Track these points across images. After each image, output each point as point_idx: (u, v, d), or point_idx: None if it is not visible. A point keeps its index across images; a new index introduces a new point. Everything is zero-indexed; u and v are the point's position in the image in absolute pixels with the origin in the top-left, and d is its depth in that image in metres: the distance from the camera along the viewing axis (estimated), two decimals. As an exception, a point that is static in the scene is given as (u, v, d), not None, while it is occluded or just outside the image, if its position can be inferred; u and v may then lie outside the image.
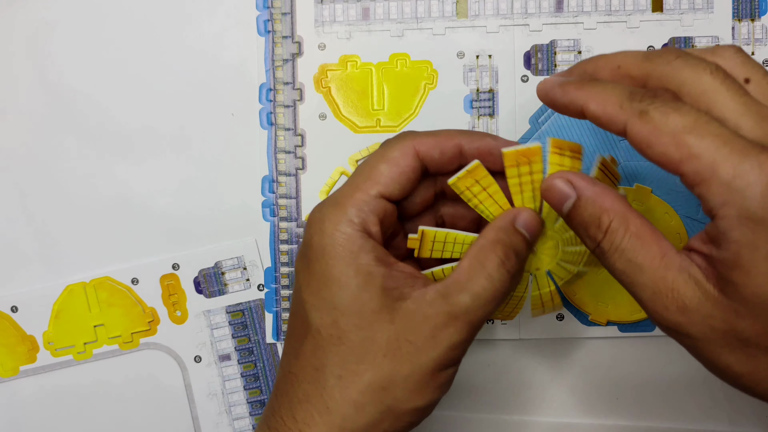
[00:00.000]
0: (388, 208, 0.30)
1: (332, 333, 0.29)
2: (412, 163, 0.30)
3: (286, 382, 0.30)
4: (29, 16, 0.43)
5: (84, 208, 0.43)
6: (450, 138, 0.31)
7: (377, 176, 0.30)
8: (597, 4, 0.40)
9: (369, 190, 0.30)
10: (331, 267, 0.29)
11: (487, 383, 0.42)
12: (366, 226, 0.29)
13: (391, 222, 0.31)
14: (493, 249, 0.29)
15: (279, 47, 0.42)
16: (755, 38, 0.40)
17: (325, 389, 0.29)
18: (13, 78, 0.43)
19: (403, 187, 0.30)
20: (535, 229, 0.30)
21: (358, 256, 0.29)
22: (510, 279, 0.29)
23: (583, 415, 0.42)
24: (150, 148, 0.42)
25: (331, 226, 0.29)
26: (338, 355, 0.29)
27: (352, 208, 0.29)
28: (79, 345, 0.43)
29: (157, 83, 0.42)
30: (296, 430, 0.29)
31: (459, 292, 0.28)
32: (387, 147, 0.31)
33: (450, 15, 0.41)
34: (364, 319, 0.28)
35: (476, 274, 0.28)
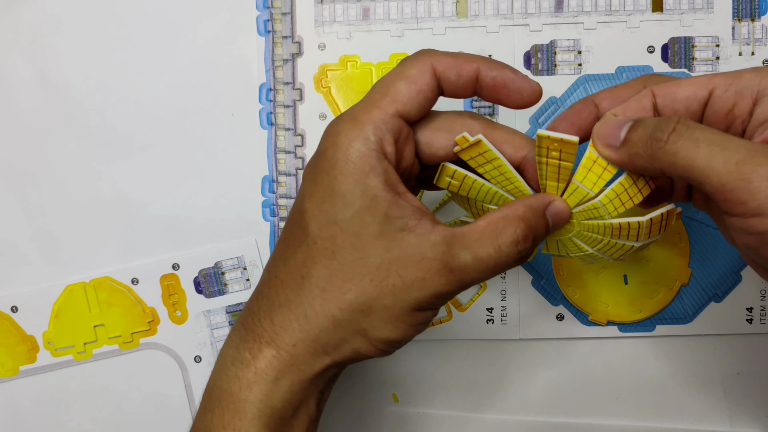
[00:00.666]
0: (404, 128, 0.30)
1: (327, 246, 0.29)
2: (429, 81, 0.30)
3: (270, 286, 0.30)
4: (30, 16, 0.43)
5: (84, 208, 0.43)
6: (469, 61, 0.30)
7: (395, 94, 0.29)
8: (597, 4, 0.40)
9: (387, 108, 0.29)
10: (338, 182, 0.28)
11: (487, 383, 0.42)
12: (381, 145, 0.29)
13: (408, 147, 0.30)
14: (515, 224, 0.28)
15: (279, 47, 0.42)
16: (755, 38, 0.40)
17: (307, 298, 0.29)
18: (13, 78, 0.43)
19: (420, 106, 0.30)
20: (562, 222, 0.30)
21: (367, 176, 0.28)
22: (517, 259, 0.29)
23: (583, 415, 0.42)
24: (150, 148, 0.42)
25: (346, 140, 0.29)
26: (327, 268, 0.29)
27: (369, 125, 0.29)
28: (79, 345, 0.43)
29: (158, 83, 0.42)
30: (272, 332, 0.29)
31: (464, 247, 0.28)
32: (405, 64, 0.30)
33: (450, 15, 0.41)
34: (360, 239, 0.28)
35: (487, 240, 0.28)
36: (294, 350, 0.29)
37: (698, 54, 0.40)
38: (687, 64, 0.40)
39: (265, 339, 0.30)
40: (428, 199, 0.42)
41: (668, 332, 0.41)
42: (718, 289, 0.41)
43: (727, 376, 0.41)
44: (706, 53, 0.40)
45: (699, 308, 0.41)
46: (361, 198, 0.28)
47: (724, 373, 0.41)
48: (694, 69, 0.40)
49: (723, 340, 0.41)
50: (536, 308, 0.41)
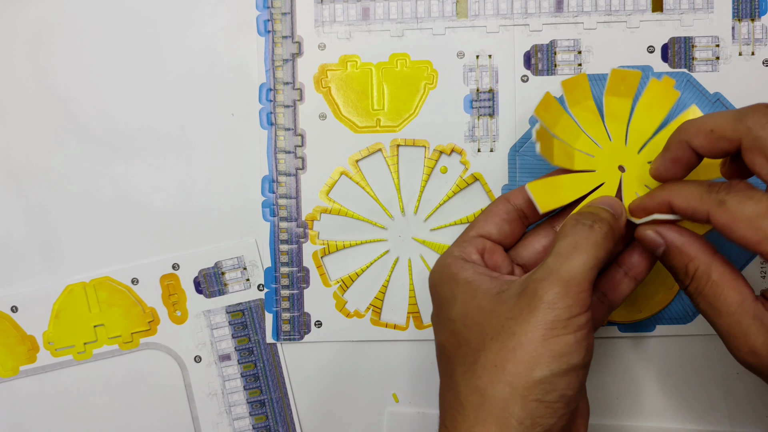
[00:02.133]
0: (488, 244, 0.35)
1: (453, 341, 0.32)
2: (503, 207, 0.35)
3: (439, 406, 0.33)
4: (30, 16, 0.43)
5: (84, 208, 0.43)
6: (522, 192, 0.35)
7: (474, 224, 0.36)
8: (597, 4, 0.40)
9: (468, 233, 0.35)
10: (440, 293, 0.33)
11: (487, 383, 0.42)
12: (466, 255, 0.34)
13: (498, 257, 0.35)
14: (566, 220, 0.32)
15: (279, 47, 0.42)
16: (755, 38, 0.40)
17: (456, 388, 0.31)
18: (13, 78, 0.43)
19: (498, 227, 0.35)
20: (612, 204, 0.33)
21: (458, 275, 0.33)
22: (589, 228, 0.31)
23: (583, 415, 0.42)
24: (150, 148, 0.42)
25: (438, 265, 0.34)
26: (459, 356, 0.31)
27: (454, 248, 0.34)
28: (79, 345, 0.43)
29: (158, 83, 0.42)
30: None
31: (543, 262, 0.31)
32: (490, 204, 0.37)
33: (450, 15, 0.41)
34: (470, 318, 0.31)
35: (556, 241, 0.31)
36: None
37: (698, 54, 0.40)
38: (687, 64, 0.40)
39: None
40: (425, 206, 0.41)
41: (668, 332, 0.41)
42: (718, 289, 0.41)
43: (727, 376, 0.41)
44: (706, 53, 0.40)
45: (699, 308, 0.41)
46: (458, 288, 0.32)
47: (724, 373, 0.41)
48: (694, 69, 0.40)
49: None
50: (536, 308, 0.41)
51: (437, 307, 0.33)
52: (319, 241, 0.42)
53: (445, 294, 0.33)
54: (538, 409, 0.29)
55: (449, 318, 0.32)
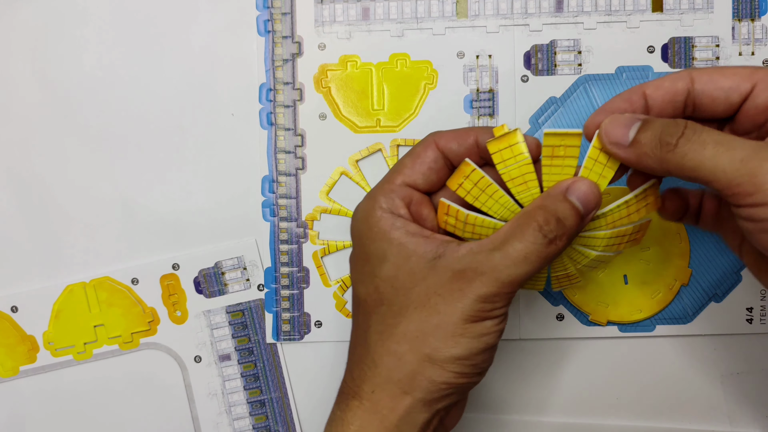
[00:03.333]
0: (415, 195, 0.33)
1: (375, 298, 0.32)
2: (431, 154, 0.33)
3: (349, 352, 0.33)
4: (29, 16, 0.43)
5: (84, 208, 0.43)
6: (467, 132, 0.33)
7: (401, 168, 0.33)
8: (597, 4, 0.40)
9: (394, 181, 0.33)
10: (368, 246, 0.32)
11: (487, 383, 0.42)
12: (394, 208, 0.32)
13: (425, 208, 0.33)
14: (533, 214, 0.30)
15: (279, 47, 0.42)
16: (755, 38, 0.40)
17: (370, 346, 0.31)
18: (13, 78, 0.43)
19: (425, 176, 0.33)
20: (591, 198, 0.31)
21: (390, 232, 0.32)
22: (547, 243, 0.30)
23: (583, 415, 0.42)
24: (150, 148, 0.42)
25: (364, 213, 0.33)
26: (379, 314, 0.31)
27: (380, 196, 0.33)
28: (79, 345, 0.43)
29: (158, 83, 0.42)
30: (354, 386, 0.32)
31: (491, 250, 0.30)
32: (414, 146, 0.34)
33: (450, 15, 0.41)
34: (399, 280, 0.31)
35: (512, 236, 0.30)
36: (373, 396, 0.31)
37: (698, 54, 0.40)
38: (687, 64, 0.40)
39: (350, 394, 0.32)
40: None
41: (668, 332, 0.41)
42: (718, 289, 0.41)
43: (727, 376, 0.41)
44: (706, 53, 0.40)
45: (699, 308, 0.41)
46: (390, 248, 0.31)
47: (724, 373, 0.41)
48: (694, 69, 0.40)
49: (723, 340, 0.41)
50: (536, 308, 0.41)
51: (362, 258, 0.33)
52: (319, 241, 0.42)
53: (374, 250, 0.32)
54: (451, 378, 0.30)
55: (376, 275, 0.32)
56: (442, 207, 0.33)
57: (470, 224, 0.32)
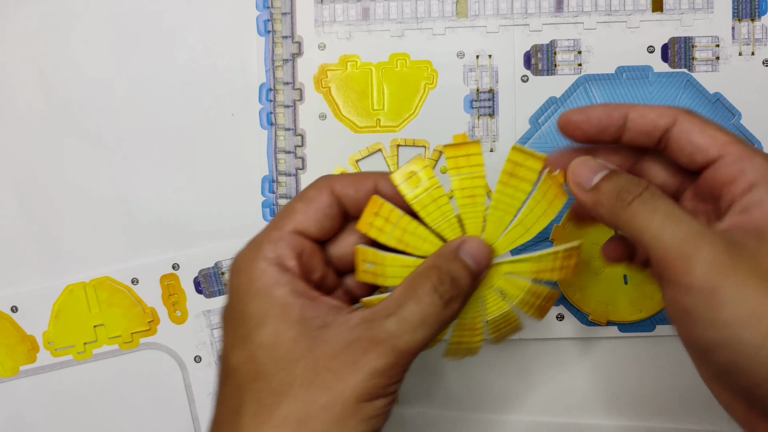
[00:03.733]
0: (307, 245, 0.30)
1: (249, 369, 0.27)
2: (326, 199, 0.30)
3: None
4: (29, 16, 0.43)
5: (84, 207, 0.43)
6: (366, 177, 0.30)
7: (291, 213, 0.30)
8: (597, 4, 0.40)
9: (284, 227, 0.29)
10: (246, 303, 0.28)
11: (487, 383, 0.42)
12: (281, 260, 0.28)
13: (315, 261, 0.30)
14: (426, 275, 0.28)
15: (279, 47, 0.42)
16: (755, 38, 0.40)
17: (242, 430, 0.26)
18: (13, 78, 0.43)
19: (319, 223, 0.30)
20: (482, 256, 0.29)
21: (273, 289, 0.28)
22: (443, 305, 0.27)
23: (583, 415, 0.42)
24: (150, 147, 0.42)
25: (246, 264, 0.29)
26: (254, 391, 0.27)
27: (267, 245, 0.29)
28: (79, 345, 0.43)
29: (157, 83, 0.42)
30: None
31: (385, 316, 0.27)
32: (305, 188, 0.31)
33: (450, 15, 0.41)
34: (280, 350, 0.27)
35: (406, 299, 0.27)
36: None
37: (698, 54, 0.40)
38: (687, 64, 0.40)
39: None
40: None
41: (668, 332, 0.41)
42: (718, 289, 0.41)
43: (727, 376, 0.41)
44: (706, 53, 0.40)
45: (699, 308, 0.41)
46: (271, 309, 0.27)
47: (724, 373, 0.41)
48: (694, 69, 0.40)
49: (723, 340, 0.41)
50: (536, 308, 0.41)
51: (237, 318, 0.28)
52: (319, 241, 0.42)
53: (253, 309, 0.28)
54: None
55: (253, 341, 0.27)
56: (360, 254, 0.29)
57: (390, 266, 0.29)
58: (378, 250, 0.29)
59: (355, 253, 0.30)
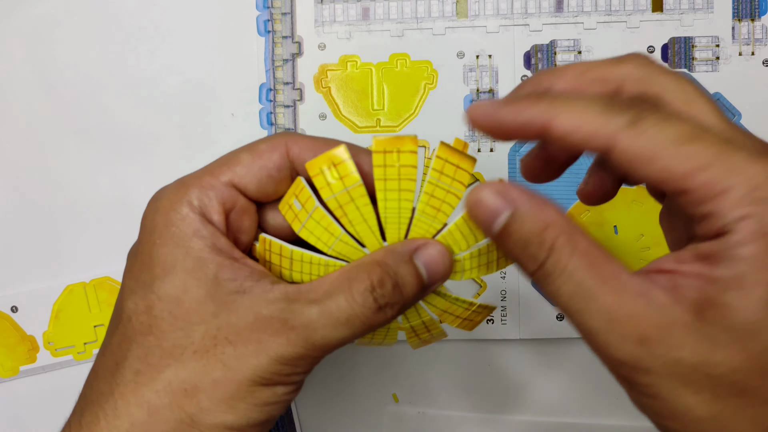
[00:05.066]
0: (240, 202, 0.26)
1: (143, 320, 0.24)
2: (278, 160, 0.26)
3: (86, 383, 0.26)
4: (29, 16, 0.43)
5: (84, 208, 0.43)
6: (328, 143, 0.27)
7: (234, 164, 0.26)
8: (597, 4, 0.40)
9: (219, 176, 0.26)
10: (157, 247, 0.25)
11: (487, 383, 0.42)
12: (206, 210, 0.25)
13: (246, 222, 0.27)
14: (369, 269, 0.24)
15: (279, 47, 0.42)
16: (755, 38, 0.40)
17: (119, 386, 0.24)
18: (13, 78, 0.43)
19: (261, 183, 0.26)
20: (440, 268, 0.25)
21: (190, 239, 0.25)
22: (376, 309, 0.24)
23: (583, 415, 0.42)
24: (150, 148, 0.42)
25: (167, 204, 0.26)
26: (143, 346, 0.24)
27: (195, 189, 0.26)
28: (79, 345, 0.43)
29: (158, 83, 0.42)
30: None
31: (309, 302, 0.24)
32: (258, 140, 0.27)
33: (450, 15, 0.41)
34: (182, 307, 0.24)
35: (337, 290, 0.24)
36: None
37: (698, 54, 0.40)
38: (687, 64, 0.40)
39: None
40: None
41: (668, 332, 0.41)
42: (718, 289, 0.41)
43: (727, 376, 0.41)
44: (706, 53, 0.40)
45: (699, 308, 0.41)
46: (183, 260, 0.24)
47: (724, 373, 0.41)
48: (694, 69, 0.40)
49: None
50: (536, 308, 0.41)
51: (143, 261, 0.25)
52: (319, 241, 0.42)
53: (162, 256, 0.24)
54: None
55: (154, 290, 0.24)
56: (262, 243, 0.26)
57: (297, 261, 0.26)
58: (284, 244, 0.26)
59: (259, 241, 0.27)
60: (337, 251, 0.26)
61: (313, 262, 0.26)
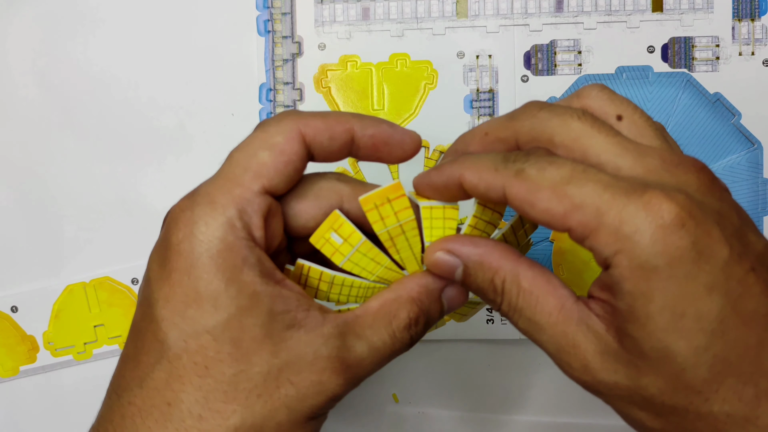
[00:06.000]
0: (273, 206, 0.25)
1: (197, 361, 0.23)
2: (299, 150, 0.25)
3: (123, 416, 0.25)
4: (30, 16, 0.43)
5: (84, 208, 0.43)
6: (341, 121, 0.26)
7: (259, 167, 0.24)
8: (597, 4, 0.40)
9: (251, 185, 0.24)
10: (205, 282, 0.23)
11: (487, 383, 0.42)
12: (250, 230, 0.24)
13: (278, 226, 0.26)
14: (408, 306, 0.25)
15: (279, 47, 0.42)
16: (755, 38, 0.40)
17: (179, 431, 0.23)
18: (13, 78, 0.43)
19: (289, 179, 0.25)
20: (455, 306, 0.27)
21: (241, 271, 0.23)
22: (408, 344, 0.26)
23: (584, 414, 0.42)
24: (150, 148, 0.42)
25: (206, 230, 0.24)
26: (202, 389, 0.23)
27: (233, 209, 0.24)
28: (79, 345, 0.43)
29: (158, 83, 0.42)
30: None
31: (357, 337, 0.24)
32: (268, 130, 0.25)
33: (450, 15, 0.41)
34: (241, 348, 0.23)
35: (381, 324, 0.25)
36: None
37: (698, 54, 0.40)
38: (687, 64, 0.40)
39: None
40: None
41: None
42: (718, 289, 0.41)
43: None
44: (706, 53, 0.40)
45: (699, 308, 0.41)
46: (238, 298, 0.23)
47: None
48: (694, 69, 0.40)
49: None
50: (536, 308, 0.41)
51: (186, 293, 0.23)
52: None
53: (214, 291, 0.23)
54: None
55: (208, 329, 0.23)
56: (299, 268, 0.26)
57: (338, 285, 0.26)
58: (325, 270, 0.26)
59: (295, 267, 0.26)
60: (380, 276, 0.27)
61: (354, 285, 0.27)
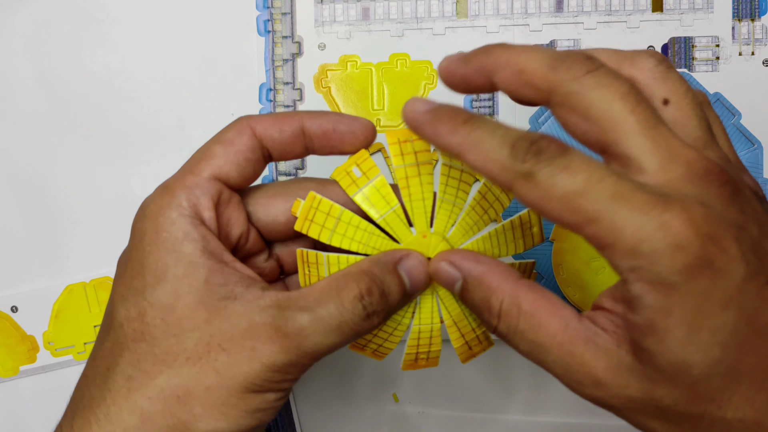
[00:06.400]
0: (226, 194, 0.27)
1: (135, 327, 0.25)
2: (248, 141, 0.27)
3: (77, 387, 0.26)
4: (30, 15, 0.43)
5: (84, 207, 0.43)
6: (290, 116, 0.28)
7: (210, 157, 0.27)
8: (597, 4, 0.40)
9: (201, 172, 0.26)
10: (148, 254, 0.25)
11: (488, 383, 0.42)
12: (197, 210, 0.26)
13: (236, 213, 0.27)
14: (357, 278, 0.25)
15: (279, 47, 0.42)
16: (755, 38, 0.40)
17: (110, 392, 0.24)
18: (13, 78, 0.43)
19: (240, 168, 0.27)
20: (420, 278, 0.27)
21: (181, 244, 0.25)
22: (365, 317, 0.25)
23: (583, 415, 0.42)
24: (150, 148, 0.42)
25: (155, 210, 0.26)
26: (135, 353, 0.24)
27: (181, 191, 0.26)
28: (79, 345, 0.43)
29: (158, 83, 0.42)
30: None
31: (300, 309, 0.24)
32: (222, 130, 0.28)
33: (450, 15, 0.41)
34: (174, 313, 0.24)
35: (327, 298, 0.25)
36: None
37: (698, 54, 0.40)
38: (687, 64, 0.40)
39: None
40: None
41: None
42: (718, 289, 0.41)
43: (727, 376, 0.41)
44: (706, 53, 0.40)
45: (699, 308, 0.41)
46: (175, 266, 0.25)
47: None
48: (694, 69, 0.40)
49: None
50: (536, 308, 0.41)
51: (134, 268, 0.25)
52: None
53: (153, 263, 0.25)
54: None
55: (146, 297, 0.25)
56: (301, 256, 0.27)
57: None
58: (320, 252, 0.27)
59: (297, 257, 0.28)
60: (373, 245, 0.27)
61: (350, 263, 0.27)
